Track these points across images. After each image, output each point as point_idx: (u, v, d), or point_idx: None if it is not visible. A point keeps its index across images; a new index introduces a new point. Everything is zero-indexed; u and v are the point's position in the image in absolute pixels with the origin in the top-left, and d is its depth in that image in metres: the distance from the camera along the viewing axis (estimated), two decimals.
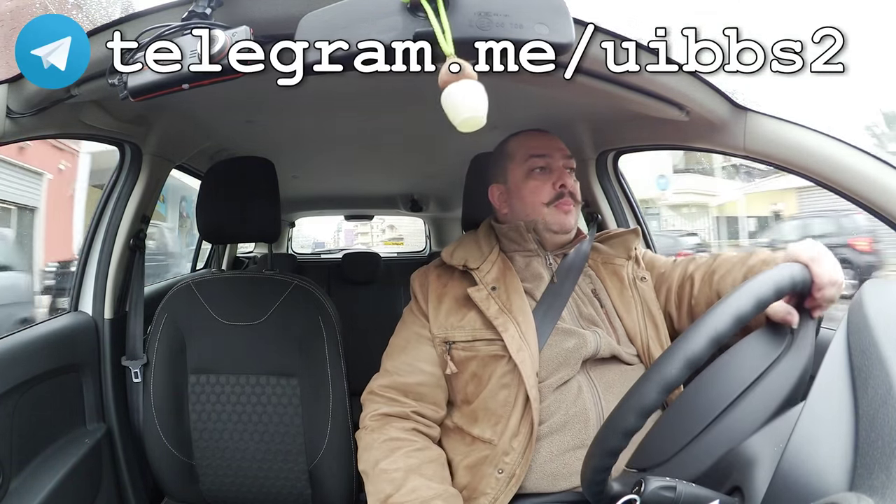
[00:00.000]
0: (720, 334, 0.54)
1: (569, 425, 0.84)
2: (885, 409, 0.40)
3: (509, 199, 0.99)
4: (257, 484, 1.17)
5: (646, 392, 0.54)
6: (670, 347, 0.56)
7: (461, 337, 0.90)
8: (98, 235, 1.24)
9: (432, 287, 0.96)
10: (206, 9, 0.61)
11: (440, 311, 0.94)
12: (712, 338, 0.54)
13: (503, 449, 0.84)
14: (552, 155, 0.96)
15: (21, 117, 0.77)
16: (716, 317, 0.55)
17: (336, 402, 1.14)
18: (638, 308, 0.93)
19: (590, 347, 0.87)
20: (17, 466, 0.94)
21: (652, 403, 0.53)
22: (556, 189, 0.94)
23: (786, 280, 0.58)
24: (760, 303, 0.56)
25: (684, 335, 0.55)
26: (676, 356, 0.54)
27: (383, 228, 14.17)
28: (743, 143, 0.91)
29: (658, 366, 0.55)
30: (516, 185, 0.97)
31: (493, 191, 1.01)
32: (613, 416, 0.56)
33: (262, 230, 1.24)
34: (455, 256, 0.97)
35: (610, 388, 0.86)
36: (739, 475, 0.52)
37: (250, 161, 1.24)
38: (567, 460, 0.84)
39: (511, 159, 0.99)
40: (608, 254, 1.00)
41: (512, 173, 0.98)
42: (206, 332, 1.17)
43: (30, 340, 1.02)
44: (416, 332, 0.95)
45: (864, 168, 0.80)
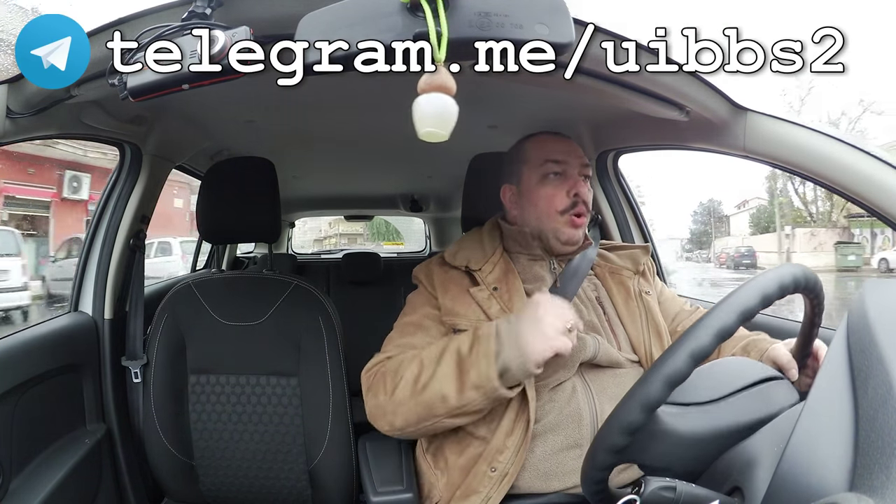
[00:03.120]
0: (726, 329, 0.54)
1: (562, 425, 0.84)
2: (885, 409, 0.40)
3: (521, 201, 0.97)
4: (257, 484, 1.17)
5: (651, 386, 0.54)
6: (676, 342, 0.56)
7: (464, 326, 0.90)
8: (98, 235, 1.24)
9: (437, 277, 0.96)
10: (206, 9, 0.61)
11: (446, 297, 0.93)
12: (718, 332, 0.54)
13: (497, 447, 0.84)
14: (569, 161, 0.94)
15: (21, 117, 0.77)
16: (722, 312, 0.55)
17: (336, 402, 1.14)
18: (642, 318, 0.94)
19: (588, 351, 0.87)
20: (17, 466, 0.94)
21: (657, 398, 0.53)
22: (571, 197, 0.92)
23: (788, 278, 0.59)
24: (766, 299, 0.56)
25: (690, 330, 0.55)
26: (682, 350, 0.54)
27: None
28: (743, 143, 0.91)
29: (664, 360, 0.55)
30: (529, 190, 0.96)
31: (504, 191, 1.00)
32: (617, 412, 0.56)
33: (262, 230, 1.24)
34: (458, 258, 0.97)
35: (604, 391, 0.86)
36: (739, 475, 0.52)
37: (250, 161, 1.24)
38: (560, 460, 0.84)
39: (526, 162, 0.97)
40: (616, 264, 1.01)
41: (526, 176, 0.96)
42: (206, 333, 1.17)
43: (30, 340, 1.02)
44: (431, 313, 0.94)
45: (864, 168, 0.80)
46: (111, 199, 1.25)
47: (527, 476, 0.84)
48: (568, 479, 0.84)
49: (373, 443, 1.07)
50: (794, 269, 0.60)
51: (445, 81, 0.53)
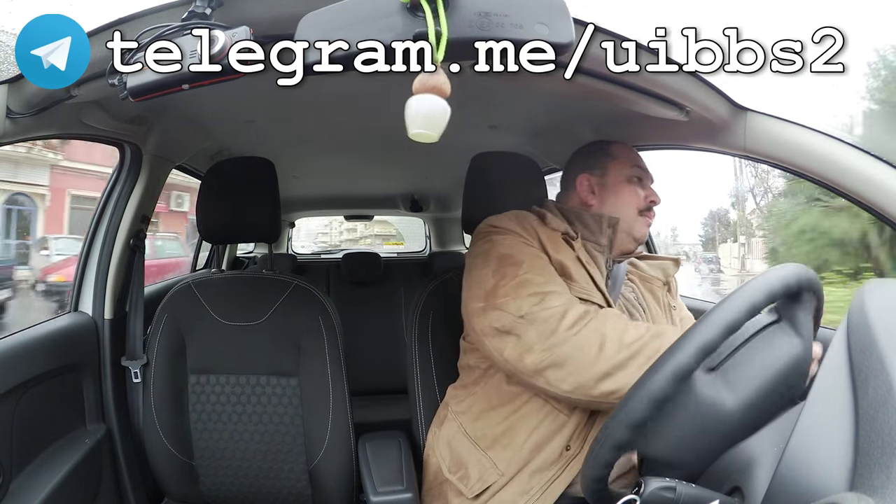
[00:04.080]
0: (733, 323, 0.55)
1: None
2: (885, 409, 0.40)
3: (602, 192, 1.00)
4: (257, 484, 1.17)
5: (657, 380, 0.54)
6: (683, 336, 0.56)
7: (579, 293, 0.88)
8: (98, 236, 1.24)
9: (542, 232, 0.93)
10: (206, 9, 0.61)
11: (559, 254, 0.91)
12: (726, 326, 0.55)
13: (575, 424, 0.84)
14: (647, 177, 1.03)
15: (21, 117, 0.76)
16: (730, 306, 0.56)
17: (336, 402, 1.14)
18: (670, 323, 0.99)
19: None
20: (17, 466, 0.94)
21: (663, 392, 0.53)
22: (648, 202, 1.00)
23: (792, 277, 0.59)
24: (772, 295, 0.57)
25: (697, 325, 0.56)
26: (689, 344, 0.54)
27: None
28: (743, 143, 0.91)
29: (671, 354, 0.55)
30: (616, 183, 1.00)
31: (582, 179, 1.02)
32: (622, 406, 0.56)
33: (262, 230, 1.24)
34: (553, 223, 0.95)
35: None
36: (739, 475, 0.52)
37: (250, 161, 1.24)
38: None
39: (614, 159, 1.01)
40: (646, 273, 1.05)
41: (614, 170, 1.01)
42: (206, 333, 1.17)
43: (30, 341, 1.02)
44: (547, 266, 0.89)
45: (864, 168, 0.80)
46: (111, 200, 1.25)
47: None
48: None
49: (373, 443, 1.07)
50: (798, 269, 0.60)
51: (440, 83, 0.53)
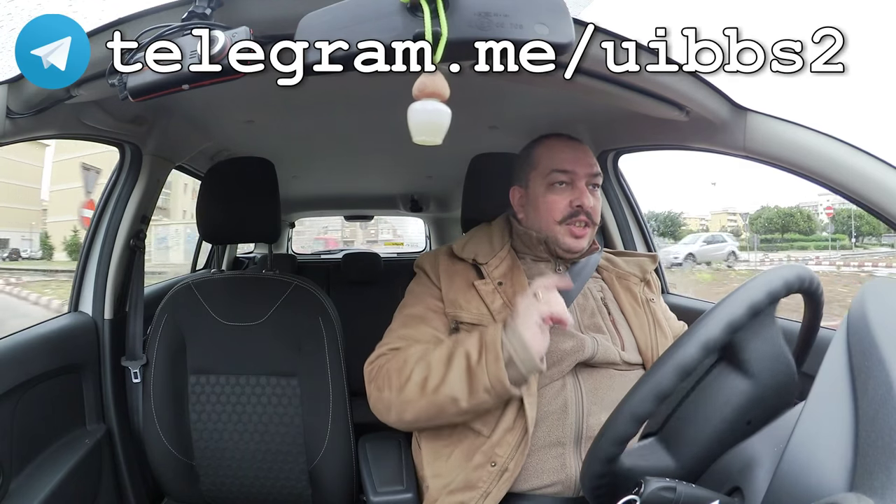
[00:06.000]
0: (734, 320, 0.55)
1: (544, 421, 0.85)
2: (885, 409, 0.40)
3: (527, 206, 0.98)
4: (257, 484, 1.17)
5: (663, 375, 0.54)
6: (687, 332, 0.57)
7: (467, 318, 0.91)
8: (98, 236, 1.24)
9: (443, 267, 0.97)
10: (206, 9, 0.61)
11: (451, 288, 0.94)
12: (728, 323, 0.55)
13: (496, 441, 0.84)
14: (577, 171, 0.93)
15: (21, 117, 0.76)
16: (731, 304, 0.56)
17: (336, 403, 1.14)
18: (650, 321, 0.95)
19: (586, 352, 0.87)
20: (17, 466, 0.94)
21: (668, 386, 0.54)
22: (572, 207, 0.92)
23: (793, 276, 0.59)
24: (772, 294, 0.57)
25: (701, 320, 0.56)
26: (693, 340, 0.55)
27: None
28: (743, 143, 0.91)
29: (674, 349, 0.55)
30: (535, 195, 0.95)
31: (513, 192, 1.00)
32: (626, 400, 0.56)
33: (262, 230, 1.24)
34: (466, 250, 0.97)
35: (595, 391, 0.87)
36: (739, 475, 0.52)
37: (250, 161, 1.24)
38: (540, 457, 0.84)
39: (534, 168, 0.96)
40: (623, 269, 1.02)
41: (533, 181, 0.96)
42: (205, 333, 1.17)
43: (30, 341, 1.02)
44: (434, 305, 0.94)
45: (864, 168, 0.80)
46: (111, 200, 1.25)
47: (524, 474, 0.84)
48: (545, 478, 0.84)
49: (373, 443, 1.07)
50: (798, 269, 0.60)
51: (438, 87, 0.53)
